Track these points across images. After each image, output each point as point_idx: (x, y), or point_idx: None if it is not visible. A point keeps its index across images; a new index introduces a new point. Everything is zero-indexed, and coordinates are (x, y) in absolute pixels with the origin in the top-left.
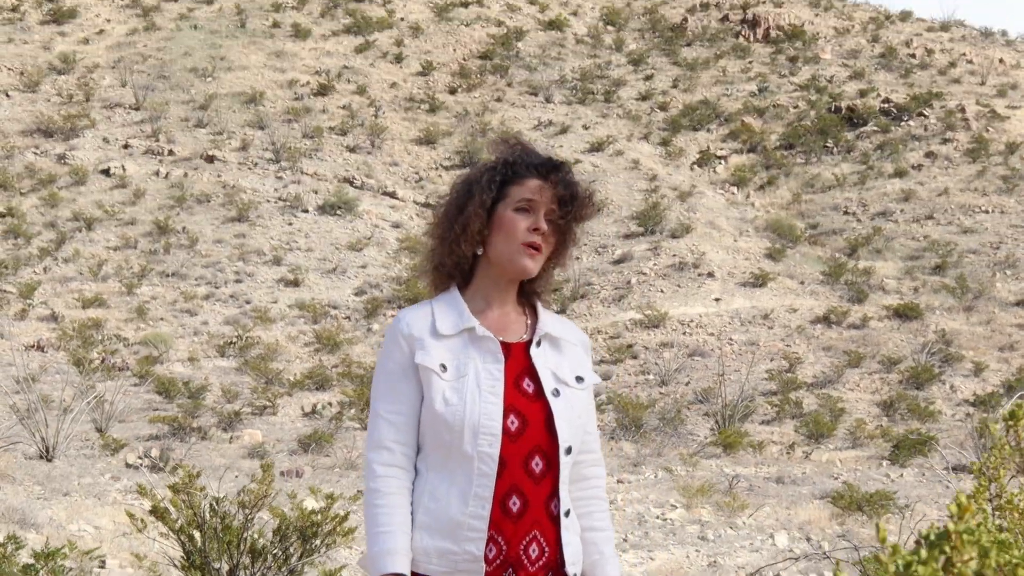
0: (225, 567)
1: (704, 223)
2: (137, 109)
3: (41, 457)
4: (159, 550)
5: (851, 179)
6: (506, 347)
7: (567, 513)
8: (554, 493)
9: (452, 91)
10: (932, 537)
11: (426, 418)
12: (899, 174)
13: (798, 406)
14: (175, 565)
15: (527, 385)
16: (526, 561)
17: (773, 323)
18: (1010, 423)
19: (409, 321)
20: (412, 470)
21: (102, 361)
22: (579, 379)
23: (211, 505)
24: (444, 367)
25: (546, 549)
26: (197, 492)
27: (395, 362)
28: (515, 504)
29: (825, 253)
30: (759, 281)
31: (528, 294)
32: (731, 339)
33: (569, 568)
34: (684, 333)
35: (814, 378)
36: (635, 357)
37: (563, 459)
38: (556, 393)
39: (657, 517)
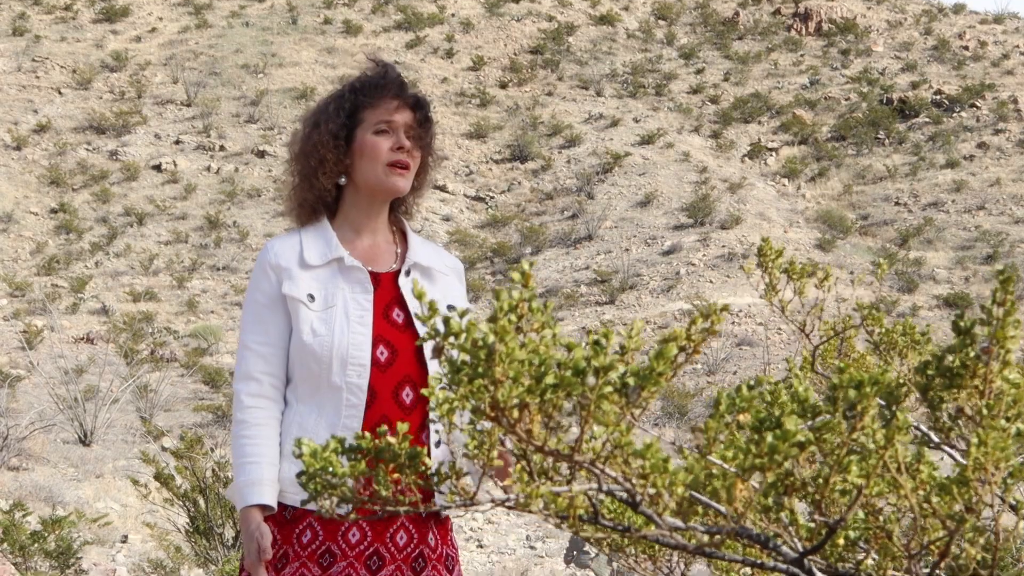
0: (230, 533)
1: (754, 214)
2: (188, 105)
3: (79, 442)
4: (166, 517)
5: (902, 170)
6: (375, 277)
7: (437, 444)
8: (424, 424)
9: (503, 85)
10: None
11: (294, 349)
12: (951, 165)
13: None
14: (179, 531)
15: (396, 315)
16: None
17: (822, 313)
18: (762, 258)
19: (277, 251)
20: (281, 401)
21: (151, 353)
22: (450, 308)
23: (214, 470)
24: (312, 297)
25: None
26: (200, 456)
27: (263, 292)
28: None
29: (876, 243)
30: (809, 271)
31: (397, 219)
32: (779, 329)
33: (438, 499)
34: (732, 323)
35: None
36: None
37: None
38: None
39: None
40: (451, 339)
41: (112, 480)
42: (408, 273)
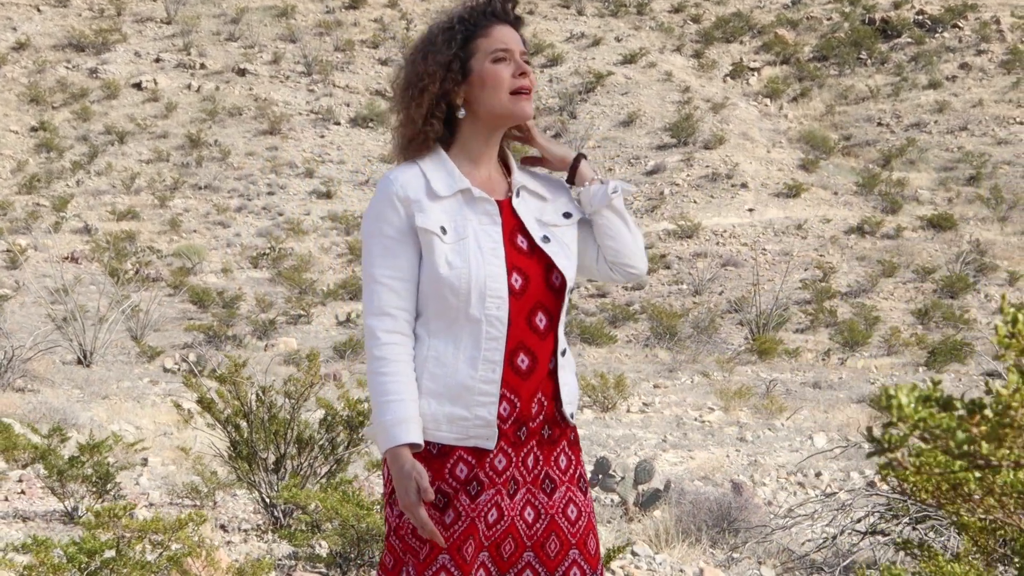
0: (272, 457)
1: (737, 134)
2: (168, 23)
3: (79, 363)
4: (205, 442)
5: (885, 90)
6: (498, 206)
7: (563, 352)
8: (556, 349)
9: None
10: None
11: (427, 283)
12: (933, 85)
13: (832, 315)
14: (222, 456)
15: (521, 242)
16: (533, 417)
17: (807, 233)
18: None
19: (403, 182)
20: (413, 336)
21: (136, 272)
22: (567, 215)
23: (258, 395)
24: (444, 230)
25: (544, 403)
26: (243, 381)
27: (391, 225)
28: (523, 362)
29: (859, 164)
30: (792, 192)
31: (500, 148)
32: (764, 249)
33: (566, 408)
34: (718, 243)
35: (848, 287)
36: (668, 267)
37: (565, 297)
38: (546, 239)
39: (695, 419)
40: None
41: (120, 402)
42: (519, 194)
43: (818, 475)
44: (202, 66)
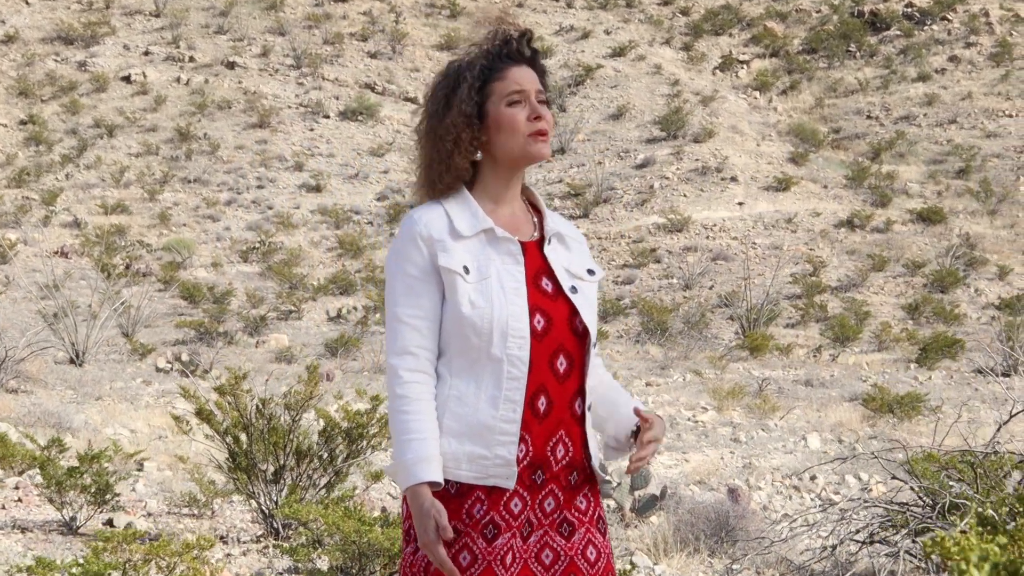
0: (271, 468)
1: (727, 127)
2: (157, 16)
3: (71, 362)
4: (203, 452)
5: (874, 83)
6: (522, 247)
7: (590, 407)
8: (579, 391)
9: None
10: None
11: (450, 322)
12: (922, 78)
13: (823, 309)
14: (220, 467)
15: (545, 284)
16: (552, 461)
17: (796, 227)
18: None
19: (427, 222)
20: (435, 375)
21: (126, 267)
22: (591, 272)
23: (257, 407)
24: (467, 269)
25: (570, 448)
26: (243, 393)
27: (415, 265)
28: (543, 404)
29: (848, 157)
30: (782, 185)
31: (526, 188)
32: (754, 243)
33: (595, 461)
34: (707, 237)
35: (838, 282)
36: (658, 261)
37: (588, 346)
38: (574, 290)
39: (689, 419)
40: None
41: (114, 403)
42: (550, 241)
43: (813, 478)
44: (191, 59)
